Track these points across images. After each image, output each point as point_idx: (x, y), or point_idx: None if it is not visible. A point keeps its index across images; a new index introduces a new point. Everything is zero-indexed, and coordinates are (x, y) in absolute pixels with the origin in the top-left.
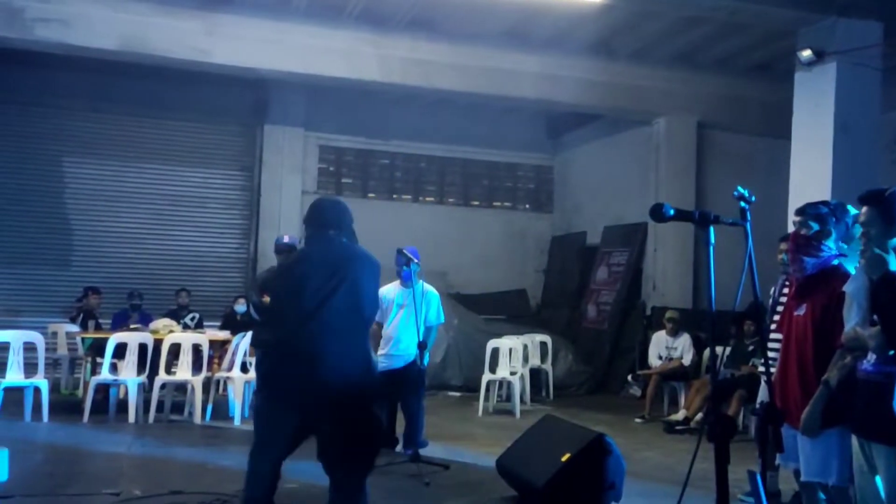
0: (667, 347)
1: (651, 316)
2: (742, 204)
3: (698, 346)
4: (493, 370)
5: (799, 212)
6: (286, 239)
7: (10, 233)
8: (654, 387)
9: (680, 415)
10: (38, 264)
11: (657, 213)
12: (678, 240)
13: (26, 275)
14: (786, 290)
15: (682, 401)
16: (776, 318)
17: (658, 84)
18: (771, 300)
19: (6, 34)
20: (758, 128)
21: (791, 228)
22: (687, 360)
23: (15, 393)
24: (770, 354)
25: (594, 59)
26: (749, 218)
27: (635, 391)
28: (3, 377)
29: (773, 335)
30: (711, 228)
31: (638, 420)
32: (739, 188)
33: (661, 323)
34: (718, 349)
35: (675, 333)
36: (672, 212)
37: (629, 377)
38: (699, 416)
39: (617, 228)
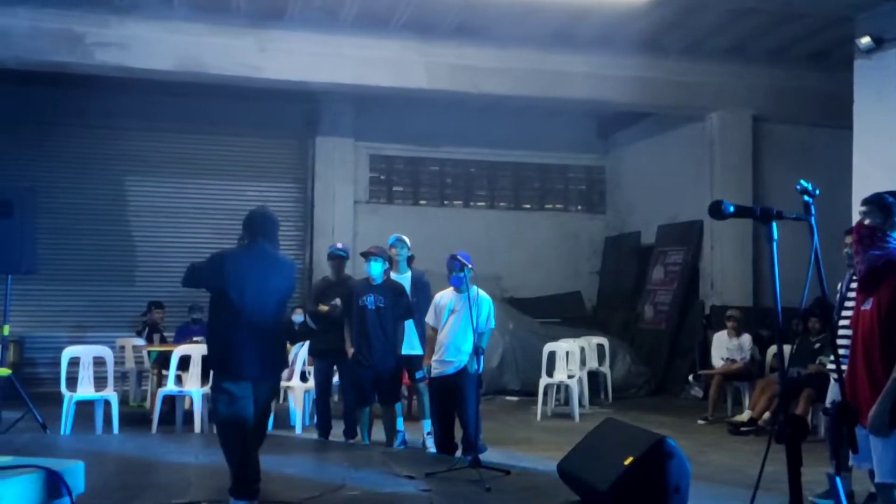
0: (728, 348)
1: (710, 315)
2: (805, 198)
3: (760, 344)
4: (550, 374)
5: (864, 202)
6: (339, 246)
7: (78, 251)
8: (717, 387)
9: (745, 415)
10: (104, 281)
11: (716, 210)
12: (736, 237)
13: (94, 291)
14: (853, 285)
15: (747, 401)
16: (844, 313)
17: (710, 79)
18: (838, 295)
19: (68, 59)
20: (816, 118)
21: (856, 220)
22: (748, 359)
23: (86, 406)
24: (840, 351)
25: (643, 56)
26: (813, 212)
27: (697, 392)
28: (75, 391)
29: (842, 331)
30: (774, 224)
31: (701, 422)
32: (802, 181)
33: (721, 322)
34: (785, 348)
35: (737, 333)
36: (732, 208)
37: (690, 378)
38: (766, 416)
39: (672, 227)
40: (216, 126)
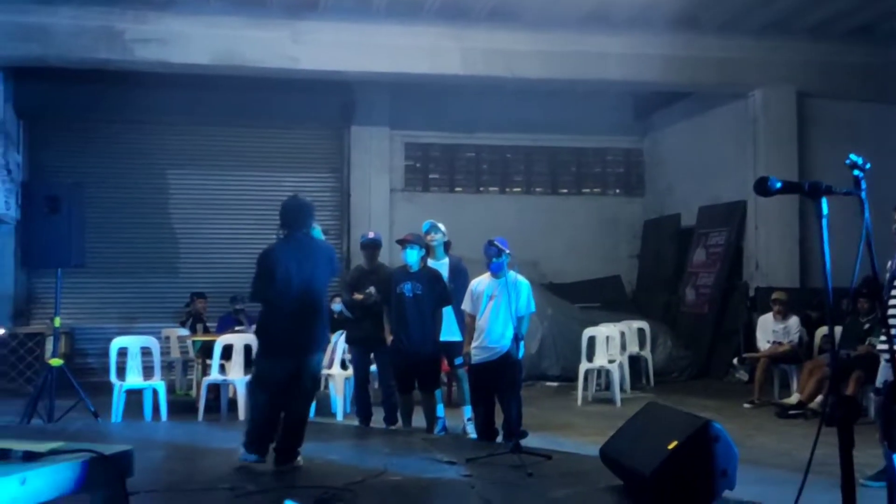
0: (773, 331)
1: (755, 297)
2: (855, 172)
3: (808, 326)
4: (590, 359)
5: None
6: (371, 235)
7: (124, 245)
8: (763, 370)
9: (793, 398)
10: (149, 273)
11: (762, 186)
12: (782, 216)
13: (140, 283)
14: None
15: (795, 384)
16: (894, 292)
17: (751, 55)
18: (888, 274)
19: (109, 56)
20: (863, 93)
21: None
22: (795, 341)
23: (135, 395)
24: (893, 332)
25: (680, 34)
26: (864, 186)
27: (741, 375)
28: (124, 380)
29: (893, 311)
30: (824, 200)
31: (747, 405)
32: (852, 156)
33: (767, 305)
34: (835, 329)
35: (783, 315)
36: (779, 185)
37: (734, 361)
38: (818, 399)
39: (713, 208)
40: (253, 119)
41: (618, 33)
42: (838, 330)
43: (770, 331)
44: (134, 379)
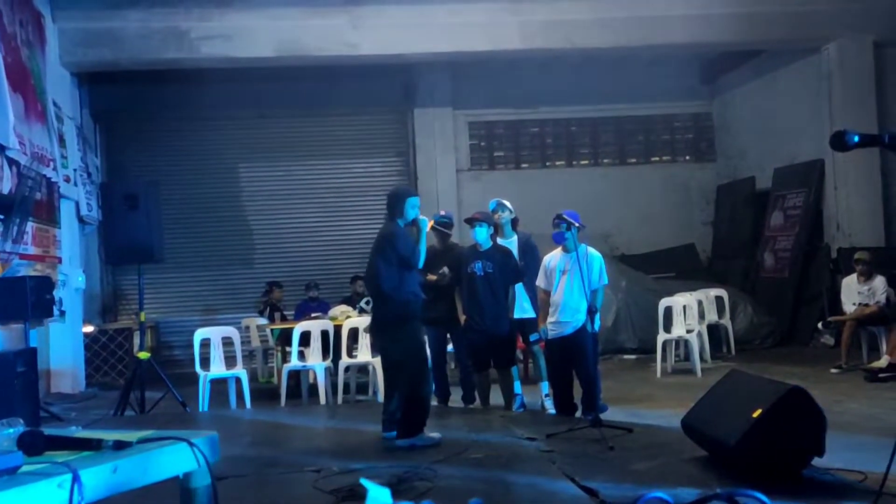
0: (859, 293)
1: (838, 259)
2: None
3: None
4: (667, 329)
5: None
6: (442, 213)
7: (201, 239)
8: (850, 334)
9: (883, 361)
10: (226, 265)
11: (839, 141)
12: (864, 173)
13: (218, 275)
14: None
15: (884, 346)
16: None
17: (823, 6)
18: None
19: (177, 55)
20: None
21: None
22: (883, 302)
23: (219, 384)
24: None
25: None
26: None
27: (827, 340)
28: (209, 370)
29: None
30: None
31: (834, 370)
32: None
33: (850, 266)
34: None
35: (867, 276)
36: (857, 138)
37: (819, 325)
38: None
39: (789, 169)
40: (317, 107)
41: None
42: None
43: (855, 292)
44: (217, 369)
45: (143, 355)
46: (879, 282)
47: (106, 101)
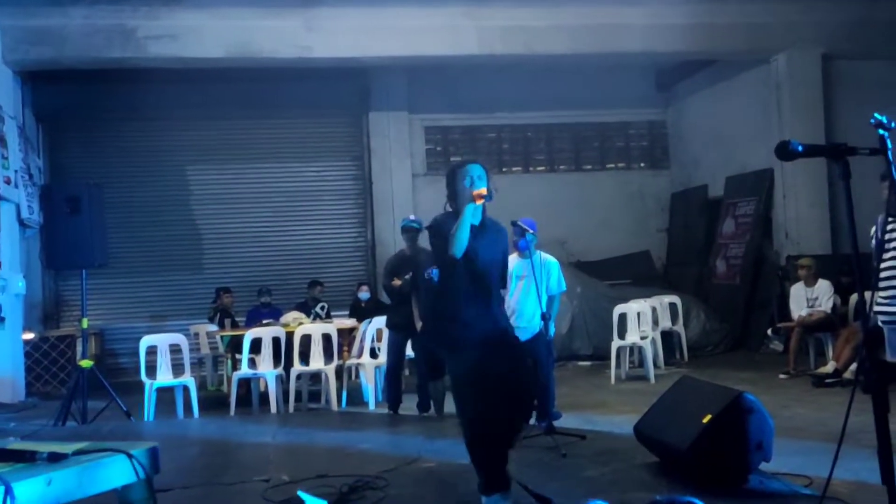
0: (807, 298)
1: (786, 266)
2: (880, 132)
3: (842, 293)
4: (622, 336)
5: None
6: (412, 218)
7: (149, 243)
8: (798, 339)
9: (829, 367)
10: (175, 270)
11: (784, 150)
12: (810, 182)
13: (166, 281)
14: (889, 227)
15: (830, 352)
16: (885, 255)
17: (773, 19)
18: (874, 241)
19: (123, 54)
20: (892, 52)
21: None
22: (829, 309)
23: (166, 392)
24: (890, 293)
25: (702, 1)
26: (890, 146)
27: (777, 346)
28: (155, 378)
29: (886, 272)
30: (846, 161)
31: (783, 376)
32: (876, 115)
33: (798, 273)
34: (867, 294)
35: (812, 281)
36: (801, 147)
37: (769, 332)
38: (854, 366)
39: (740, 178)
40: (270, 109)
41: (638, 3)
42: (870, 295)
43: (803, 299)
44: (164, 377)
45: (86, 363)
46: (824, 286)
47: (50, 101)
